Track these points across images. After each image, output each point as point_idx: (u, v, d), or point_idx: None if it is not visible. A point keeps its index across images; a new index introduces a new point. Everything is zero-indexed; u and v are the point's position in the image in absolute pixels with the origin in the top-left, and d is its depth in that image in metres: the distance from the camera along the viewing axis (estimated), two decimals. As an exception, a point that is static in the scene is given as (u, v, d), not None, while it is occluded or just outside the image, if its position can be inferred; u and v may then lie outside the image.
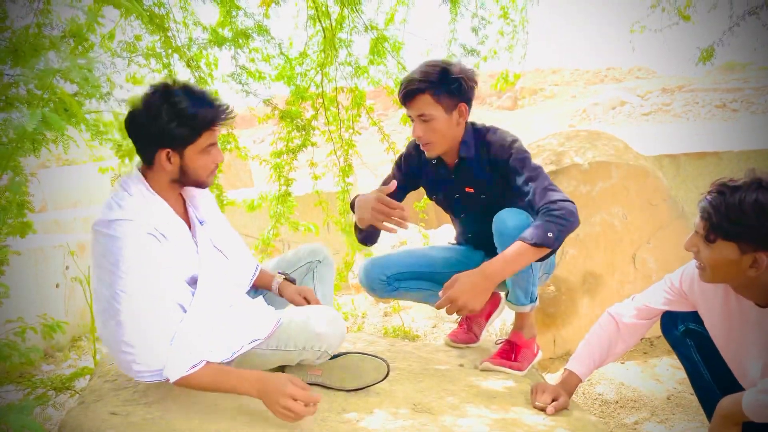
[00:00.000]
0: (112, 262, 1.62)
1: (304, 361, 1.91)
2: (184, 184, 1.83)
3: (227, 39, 2.86)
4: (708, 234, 1.58)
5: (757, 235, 1.50)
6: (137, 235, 1.65)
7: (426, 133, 2.11)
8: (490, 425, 1.73)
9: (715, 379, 1.85)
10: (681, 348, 1.89)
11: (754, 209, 1.49)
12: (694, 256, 1.67)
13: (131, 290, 1.62)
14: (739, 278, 1.59)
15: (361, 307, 4.48)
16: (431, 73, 2.07)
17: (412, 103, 2.10)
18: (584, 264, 3.21)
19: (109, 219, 1.66)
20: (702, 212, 1.60)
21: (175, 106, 1.67)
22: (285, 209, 3.71)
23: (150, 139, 1.72)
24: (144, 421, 1.64)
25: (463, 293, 1.88)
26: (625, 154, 3.31)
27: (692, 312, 1.86)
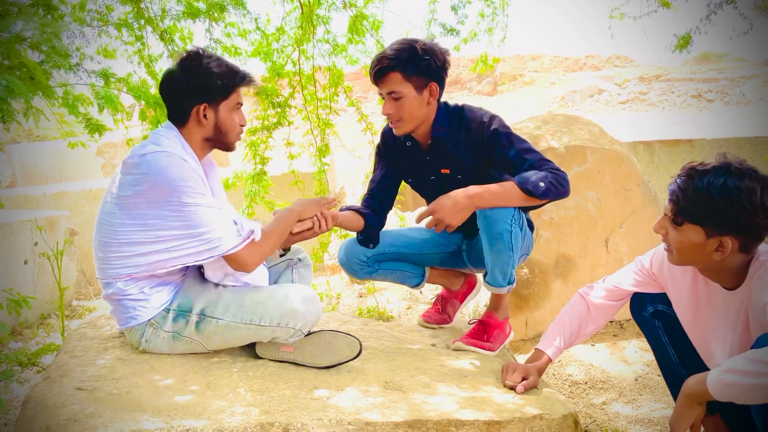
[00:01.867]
0: (161, 182, 1.71)
1: (276, 338, 1.90)
2: (215, 145, 1.94)
3: (201, 11, 2.80)
4: (675, 217, 1.59)
5: (723, 220, 1.52)
6: (174, 157, 1.75)
7: (396, 111, 2.11)
8: (460, 403, 1.74)
9: (681, 360, 1.88)
10: (649, 329, 1.92)
11: (721, 194, 1.50)
12: (662, 238, 1.69)
13: (191, 201, 1.73)
14: (705, 261, 1.61)
15: (336, 287, 4.47)
16: (401, 51, 2.07)
17: (383, 81, 2.10)
18: (558, 247, 3.23)
19: (144, 153, 1.76)
20: (671, 195, 1.61)
21: (210, 64, 1.86)
22: (260, 188, 3.67)
23: (187, 95, 1.85)
24: (110, 396, 1.61)
25: (442, 208, 1.98)
26: (601, 138, 3.33)
27: (661, 294, 1.88)
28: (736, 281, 1.63)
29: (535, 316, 3.22)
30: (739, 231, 1.52)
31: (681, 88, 21.82)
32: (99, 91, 2.57)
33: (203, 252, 1.77)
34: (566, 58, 29.36)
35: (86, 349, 1.98)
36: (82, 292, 4.84)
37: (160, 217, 1.74)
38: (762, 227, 1.52)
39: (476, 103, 2.29)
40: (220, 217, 1.80)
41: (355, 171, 8.30)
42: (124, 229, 1.76)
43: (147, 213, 1.74)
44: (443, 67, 2.14)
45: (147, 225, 1.75)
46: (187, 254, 1.77)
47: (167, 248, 1.76)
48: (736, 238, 1.53)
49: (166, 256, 1.77)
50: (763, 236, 1.55)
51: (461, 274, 2.56)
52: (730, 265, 1.60)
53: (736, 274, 1.62)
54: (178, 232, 1.75)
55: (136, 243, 1.77)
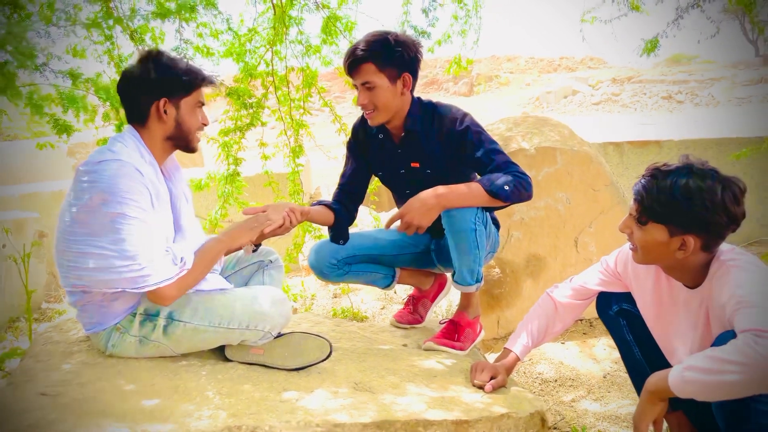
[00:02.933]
0: (105, 192, 1.68)
1: (246, 341, 1.90)
2: (176, 144, 1.90)
3: (171, 11, 2.77)
4: (640, 216, 1.63)
5: (685, 219, 1.56)
6: (127, 168, 1.72)
7: (370, 101, 2.14)
8: (429, 403, 1.76)
9: (646, 358, 1.92)
10: (614, 327, 1.95)
11: (683, 193, 1.55)
12: (627, 237, 1.72)
13: (130, 213, 1.70)
14: (668, 260, 1.65)
15: (311, 288, 4.46)
16: (375, 43, 2.10)
17: (357, 72, 2.13)
18: (528, 247, 3.27)
19: (98, 160, 1.73)
20: (635, 195, 1.65)
21: (171, 61, 1.85)
22: (233, 189, 3.65)
23: (147, 90, 1.82)
24: (74, 402, 1.60)
25: (412, 209, 2.01)
26: (570, 140, 3.38)
27: (626, 293, 1.92)
28: (697, 280, 1.67)
29: (507, 315, 3.25)
30: (701, 230, 1.57)
31: (652, 89, 22.17)
32: (63, 92, 2.53)
33: (134, 279, 1.71)
34: (541, 60, 29.66)
35: (52, 353, 1.96)
36: (51, 295, 4.76)
37: (101, 228, 1.69)
38: (722, 226, 1.56)
39: (453, 102, 2.32)
40: (155, 243, 1.74)
41: (331, 171, 8.29)
42: (76, 238, 1.72)
43: (91, 223, 1.70)
44: (416, 59, 2.17)
45: (92, 236, 1.70)
46: (121, 277, 1.71)
47: (104, 267, 1.70)
48: (698, 237, 1.58)
49: (106, 277, 1.71)
50: (724, 235, 1.60)
51: (431, 274, 2.59)
52: (692, 264, 1.64)
53: (698, 272, 1.66)
54: (111, 248, 1.69)
55: (88, 255, 1.71)
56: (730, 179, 1.57)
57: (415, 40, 2.18)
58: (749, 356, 1.33)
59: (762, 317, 1.39)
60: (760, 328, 1.36)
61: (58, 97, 2.56)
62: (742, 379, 1.35)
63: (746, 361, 1.34)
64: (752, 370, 1.33)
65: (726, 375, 1.36)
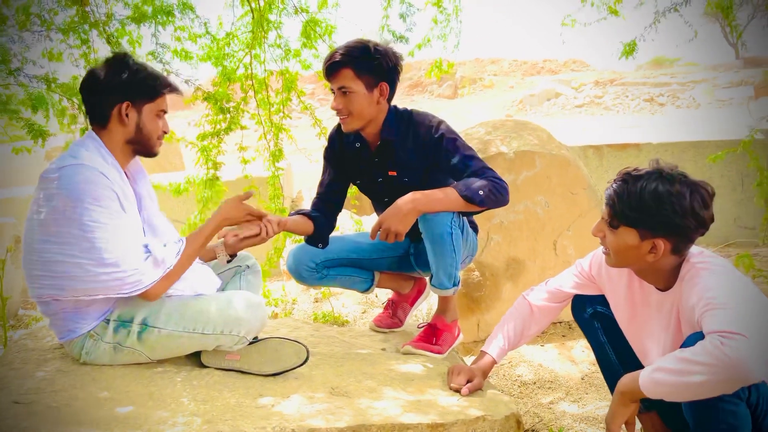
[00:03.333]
0: (72, 198, 1.67)
1: (221, 346, 1.89)
2: (136, 148, 1.90)
3: (148, 16, 2.76)
4: (612, 220, 1.66)
5: (655, 223, 1.59)
6: (91, 172, 1.71)
7: (345, 106, 2.15)
8: (405, 407, 1.77)
9: (620, 359, 1.94)
10: (589, 330, 1.98)
11: (653, 198, 1.57)
12: (600, 241, 1.75)
13: (100, 219, 1.69)
14: (640, 263, 1.68)
15: (292, 293, 4.46)
16: (354, 49, 2.12)
17: (334, 76, 2.14)
18: (508, 250, 3.29)
19: (60, 165, 1.72)
20: (607, 199, 1.68)
21: (137, 66, 1.86)
22: (213, 193, 3.64)
23: (111, 92, 1.83)
24: (48, 410, 1.59)
25: (388, 217, 2.03)
26: (549, 144, 3.40)
27: (600, 296, 1.95)
28: (668, 282, 1.70)
29: (486, 318, 3.27)
30: (671, 233, 1.59)
31: (634, 92, 22.39)
32: (32, 92, 2.51)
33: (121, 286, 1.71)
34: (524, 62, 29.82)
35: (25, 360, 1.94)
36: (28, 302, 4.70)
37: (72, 236, 1.68)
38: (691, 229, 1.59)
39: (437, 106, 2.36)
40: (133, 246, 1.74)
41: (312, 175, 8.28)
42: (44, 247, 1.71)
43: (60, 231, 1.69)
44: (395, 69, 2.18)
45: (62, 245, 1.69)
46: (105, 287, 1.70)
47: (80, 276, 1.69)
48: (668, 240, 1.60)
49: (83, 285, 1.70)
50: (693, 238, 1.63)
51: (410, 278, 2.60)
52: (663, 267, 1.67)
53: (668, 275, 1.69)
54: (85, 256, 1.68)
55: (56, 263, 1.70)
56: (699, 183, 1.60)
57: (396, 51, 2.20)
58: (715, 357, 1.36)
59: (728, 318, 1.42)
60: (727, 329, 1.38)
61: (26, 98, 2.54)
62: (708, 379, 1.37)
63: (712, 362, 1.36)
64: (718, 370, 1.35)
65: (693, 376, 1.39)
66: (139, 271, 1.73)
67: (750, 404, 1.46)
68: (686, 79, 22.91)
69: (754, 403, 1.46)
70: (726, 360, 1.34)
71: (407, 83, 25.72)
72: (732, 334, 1.36)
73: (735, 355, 1.34)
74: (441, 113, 2.40)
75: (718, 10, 4.05)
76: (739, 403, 1.44)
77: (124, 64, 1.85)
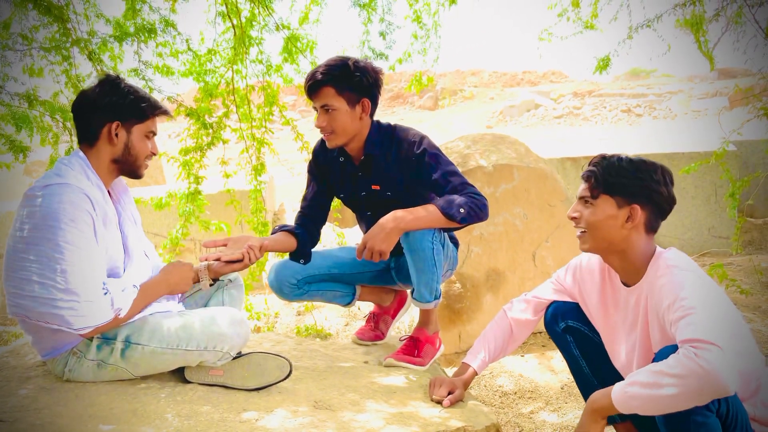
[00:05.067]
0: (51, 218, 1.69)
1: (205, 362, 1.91)
2: (122, 169, 1.92)
3: (130, 33, 2.78)
4: (592, 191, 1.74)
5: (633, 189, 1.70)
6: (74, 193, 1.73)
7: (328, 123, 2.19)
8: (387, 419, 1.80)
9: (593, 372, 1.98)
10: (562, 343, 2.02)
11: (630, 165, 1.72)
12: (575, 225, 1.81)
13: (73, 241, 1.70)
14: (615, 237, 1.73)
15: (274, 306, 4.47)
16: (335, 68, 2.16)
17: (317, 95, 2.18)
18: (488, 261, 3.35)
19: (45, 184, 1.74)
20: (586, 177, 1.77)
21: (129, 87, 1.90)
22: (195, 208, 3.64)
23: (101, 111, 1.85)
24: (31, 427, 1.59)
25: (372, 237, 2.06)
26: (527, 157, 3.47)
27: (572, 310, 1.99)
28: (636, 274, 1.75)
29: (468, 330, 3.31)
30: (646, 200, 1.71)
31: (612, 103, 22.76)
32: (15, 111, 2.52)
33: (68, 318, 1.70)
34: (504, 74, 30.19)
35: (8, 378, 1.93)
36: (8, 318, 4.65)
37: (44, 255, 1.69)
38: (663, 199, 1.72)
39: (418, 117, 2.41)
40: (96, 279, 1.74)
41: (294, 187, 8.30)
42: (21, 264, 1.71)
43: (35, 249, 1.69)
44: (375, 85, 2.22)
45: (35, 263, 1.69)
46: (58, 313, 1.69)
47: (42, 297, 1.69)
48: (643, 209, 1.71)
49: (44, 309, 1.69)
50: (665, 213, 1.75)
51: (391, 291, 2.63)
52: (634, 249, 1.73)
53: (638, 263, 1.74)
54: (52, 277, 1.68)
55: (26, 281, 1.70)
56: (664, 167, 1.75)
57: (375, 67, 2.24)
58: (688, 368, 1.38)
59: (702, 327, 1.44)
60: (700, 338, 1.41)
61: (9, 117, 2.55)
62: (681, 392, 1.39)
63: (684, 373, 1.38)
64: (689, 382, 1.38)
65: (664, 389, 1.42)
66: (93, 304, 1.72)
67: (720, 415, 1.49)
68: (662, 90, 23.34)
69: (723, 414, 1.49)
70: (698, 370, 1.37)
71: (388, 95, 25.88)
72: (706, 344, 1.39)
73: (709, 367, 1.36)
74: (422, 124, 2.46)
75: (688, 26, 4.17)
76: (710, 415, 1.46)
77: (115, 85, 1.88)
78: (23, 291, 1.71)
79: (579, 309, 1.99)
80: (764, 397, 1.62)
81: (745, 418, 1.54)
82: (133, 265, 1.93)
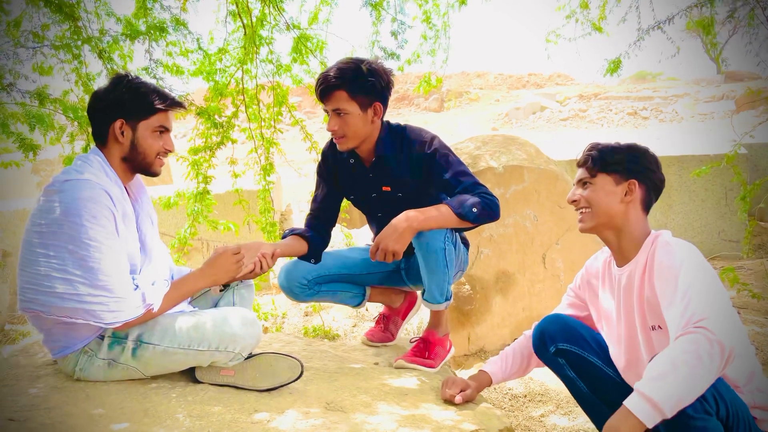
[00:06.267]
0: (72, 213, 1.68)
1: (216, 362, 1.89)
2: (134, 167, 1.90)
3: (141, 32, 2.78)
4: (590, 171, 1.80)
5: (630, 164, 1.78)
6: (94, 189, 1.72)
7: (340, 127, 2.17)
8: (399, 421, 1.78)
9: (593, 391, 1.92)
10: (555, 367, 1.97)
11: (627, 146, 1.83)
12: (575, 208, 1.85)
13: (97, 237, 1.70)
14: (614, 211, 1.77)
15: (282, 307, 4.45)
16: (347, 71, 2.13)
17: (329, 98, 2.16)
18: (498, 263, 3.32)
19: (65, 179, 1.73)
20: (582, 162, 1.84)
21: (135, 84, 1.87)
22: (203, 207, 3.63)
23: (107, 110, 1.84)
24: (42, 427, 1.58)
25: (385, 237, 2.04)
26: (537, 158, 3.45)
27: (560, 331, 1.94)
28: (630, 252, 1.78)
29: (477, 332, 3.29)
30: (642, 177, 1.78)
31: (618, 105, 22.67)
32: (30, 110, 2.51)
33: (101, 313, 1.71)
34: (510, 76, 30.12)
35: (18, 377, 1.93)
36: (15, 316, 4.65)
37: (66, 251, 1.68)
38: (657, 178, 1.80)
39: (424, 119, 2.38)
40: (125, 274, 1.75)
41: (302, 188, 8.28)
42: (38, 259, 1.70)
43: (55, 245, 1.69)
44: (387, 88, 2.20)
45: (55, 259, 1.69)
46: (86, 308, 1.70)
47: (66, 294, 1.69)
48: (640, 185, 1.77)
49: (68, 305, 1.69)
50: (658, 192, 1.83)
51: (402, 292, 2.61)
52: (631, 225, 1.77)
53: (634, 240, 1.77)
54: (77, 273, 1.69)
55: (45, 276, 1.69)
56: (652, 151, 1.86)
57: (387, 68, 2.21)
58: (704, 348, 1.37)
59: (702, 304, 1.47)
60: (704, 316, 1.43)
61: (24, 116, 2.54)
62: (699, 373, 1.37)
63: (702, 354, 1.37)
64: (705, 360, 1.37)
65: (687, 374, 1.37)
66: (125, 301, 1.73)
67: (721, 418, 1.47)
68: (668, 93, 23.24)
69: (724, 416, 1.47)
70: (714, 348, 1.38)
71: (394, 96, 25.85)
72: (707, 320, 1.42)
73: (716, 338, 1.38)
74: (427, 126, 2.44)
75: (699, 28, 4.14)
76: (709, 419, 1.44)
77: (121, 82, 1.87)
78: (40, 287, 1.70)
79: (567, 329, 1.94)
80: (759, 384, 1.63)
81: (747, 415, 1.52)
82: (151, 264, 1.91)
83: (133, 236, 1.86)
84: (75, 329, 1.79)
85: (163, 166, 1.95)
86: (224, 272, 2.00)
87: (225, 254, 2.00)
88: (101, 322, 1.72)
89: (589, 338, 1.93)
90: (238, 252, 2.02)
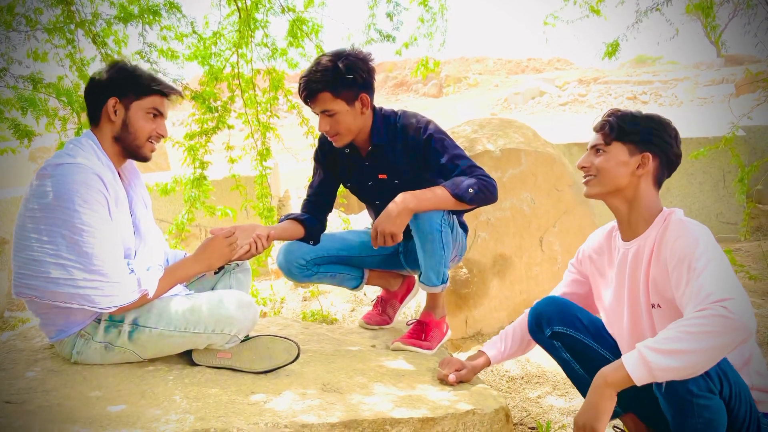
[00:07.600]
0: (64, 198, 1.68)
1: (212, 345, 1.90)
2: (124, 147, 1.89)
3: (135, 15, 2.76)
4: (606, 138, 1.76)
5: (647, 137, 1.72)
6: (86, 173, 1.71)
7: (332, 127, 2.16)
8: (396, 402, 1.79)
9: (588, 373, 1.91)
10: (551, 350, 1.96)
11: (646, 116, 1.77)
12: (585, 173, 1.81)
13: (90, 222, 1.70)
14: (624, 183, 1.74)
15: (280, 291, 4.46)
16: (326, 73, 2.10)
17: (313, 101, 2.15)
18: (495, 247, 3.33)
19: (57, 164, 1.73)
20: (600, 126, 1.79)
21: (131, 66, 1.90)
22: (200, 193, 3.63)
23: (101, 89, 1.85)
24: (40, 409, 1.59)
25: (382, 221, 2.05)
26: (534, 141, 3.44)
27: (556, 313, 1.93)
28: (639, 226, 1.75)
29: (474, 315, 3.30)
30: (658, 150, 1.73)
31: (617, 90, 22.58)
32: (22, 94, 2.50)
33: (95, 298, 1.71)
34: (509, 61, 29.96)
35: (15, 361, 1.93)
36: (14, 303, 4.67)
37: (60, 236, 1.68)
38: (674, 153, 1.74)
39: (422, 104, 2.37)
40: (119, 258, 1.76)
41: (299, 173, 8.28)
42: (30, 243, 1.70)
43: (48, 230, 1.68)
44: (369, 76, 2.18)
45: (48, 244, 1.69)
46: (82, 293, 1.70)
47: (61, 279, 1.69)
48: (654, 159, 1.72)
49: (63, 290, 1.70)
50: (672, 168, 1.77)
51: (399, 276, 2.62)
52: (642, 198, 1.74)
53: (645, 214, 1.74)
54: (71, 258, 1.69)
55: (38, 262, 1.69)
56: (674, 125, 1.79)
57: (366, 56, 2.17)
58: (721, 324, 1.36)
59: (723, 282, 1.45)
60: (724, 296, 1.40)
61: (17, 100, 2.53)
62: (710, 346, 1.37)
63: (718, 329, 1.37)
64: (722, 335, 1.37)
65: (694, 347, 1.37)
66: (120, 285, 1.73)
67: (723, 397, 1.48)
68: (668, 77, 23.13)
69: (726, 396, 1.48)
70: (735, 324, 1.36)
71: (392, 82, 25.76)
72: (728, 299, 1.39)
73: (737, 317, 1.36)
74: (427, 112, 2.42)
75: (699, 10, 4.11)
76: (713, 397, 1.45)
77: (117, 64, 1.89)
78: (34, 272, 1.70)
79: (563, 312, 1.92)
80: (757, 366, 1.64)
81: (748, 394, 1.54)
82: (146, 248, 1.92)
83: (126, 220, 1.86)
84: (71, 313, 1.79)
85: (154, 151, 1.95)
86: (217, 256, 2.00)
87: (217, 239, 2.01)
88: (96, 306, 1.73)
89: (585, 320, 1.92)
90: (230, 235, 2.02)
